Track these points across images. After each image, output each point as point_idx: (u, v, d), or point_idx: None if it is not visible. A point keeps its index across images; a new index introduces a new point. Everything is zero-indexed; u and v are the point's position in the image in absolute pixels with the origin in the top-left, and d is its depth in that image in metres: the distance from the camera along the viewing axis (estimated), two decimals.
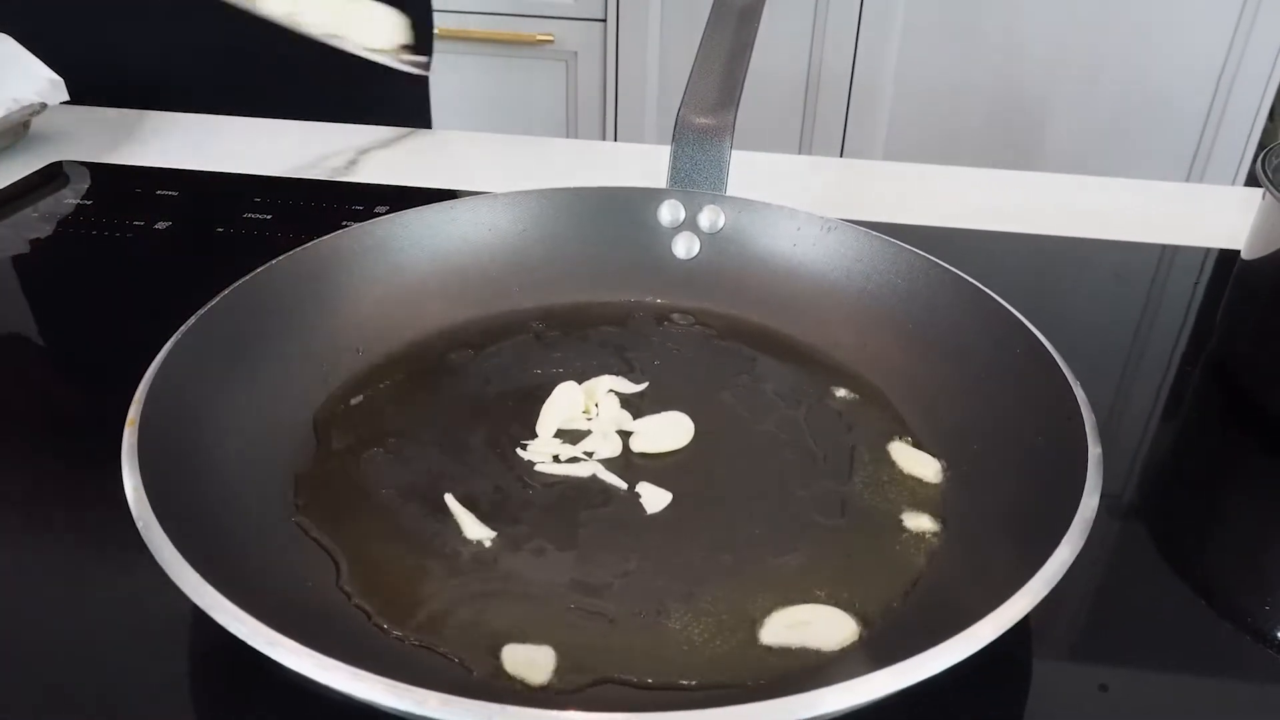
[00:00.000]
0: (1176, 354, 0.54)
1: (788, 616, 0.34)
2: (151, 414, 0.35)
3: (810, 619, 0.34)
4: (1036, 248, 0.64)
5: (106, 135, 0.76)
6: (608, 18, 1.61)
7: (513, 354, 0.48)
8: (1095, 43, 1.54)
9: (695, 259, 0.53)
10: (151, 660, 0.34)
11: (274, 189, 0.68)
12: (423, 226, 0.50)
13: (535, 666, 0.32)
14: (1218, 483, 0.46)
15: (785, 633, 0.34)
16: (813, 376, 0.47)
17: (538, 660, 0.32)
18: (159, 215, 0.63)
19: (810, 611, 0.34)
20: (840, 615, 0.34)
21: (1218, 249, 0.64)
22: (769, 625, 0.34)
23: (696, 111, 0.52)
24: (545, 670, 0.32)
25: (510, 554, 0.37)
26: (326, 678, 0.26)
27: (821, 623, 0.34)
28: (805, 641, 0.33)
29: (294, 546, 0.36)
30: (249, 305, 0.43)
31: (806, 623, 0.34)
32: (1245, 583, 0.40)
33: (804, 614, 0.34)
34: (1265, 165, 0.46)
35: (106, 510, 0.33)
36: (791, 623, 0.34)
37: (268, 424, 0.41)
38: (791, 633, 0.34)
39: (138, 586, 0.36)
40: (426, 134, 0.78)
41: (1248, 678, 0.35)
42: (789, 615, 0.34)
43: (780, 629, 0.34)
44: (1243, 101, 1.56)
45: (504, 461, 0.41)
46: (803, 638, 0.33)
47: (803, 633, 0.34)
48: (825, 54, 1.60)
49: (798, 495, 0.40)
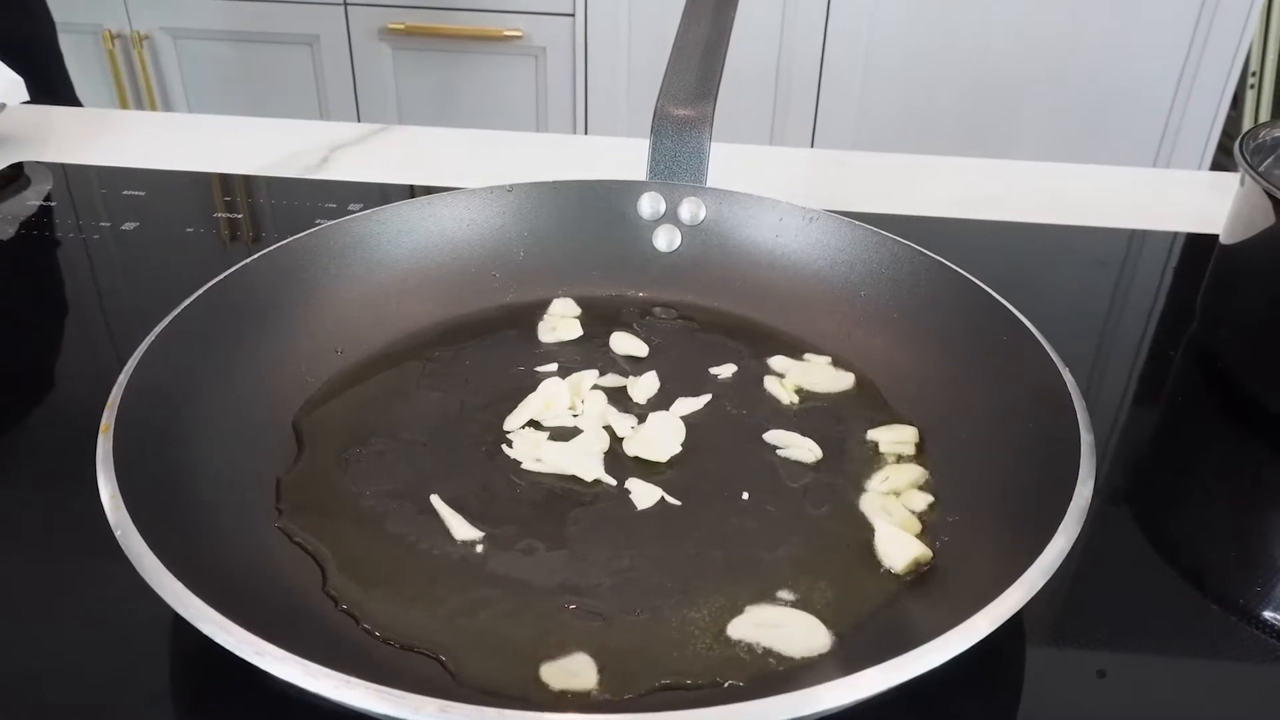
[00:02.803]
0: (1155, 338, 0.55)
1: (769, 614, 0.34)
2: (126, 419, 0.34)
3: (791, 619, 0.34)
4: (1009, 234, 0.64)
5: (69, 135, 0.74)
6: (576, 12, 1.60)
7: (495, 351, 0.47)
8: (1062, 32, 1.55)
9: (677, 251, 0.52)
10: (132, 671, 0.33)
11: (245, 188, 0.66)
12: (400, 223, 0.49)
13: (579, 676, 0.31)
14: (1201, 465, 0.46)
15: (769, 631, 0.33)
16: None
17: (578, 669, 0.32)
18: (126, 216, 0.62)
19: (790, 613, 0.34)
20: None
21: (1186, 233, 0.64)
22: (751, 622, 0.33)
23: (675, 103, 0.51)
24: (590, 678, 0.31)
25: (500, 554, 0.36)
26: (317, 686, 0.25)
27: (805, 622, 0.34)
28: (797, 639, 0.33)
29: (278, 552, 0.36)
30: (223, 306, 0.42)
31: (796, 619, 0.34)
32: (1232, 565, 0.40)
33: (782, 615, 0.34)
34: (1244, 149, 0.47)
35: (81, 519, 0.32)
36: (772, 621, 0.33)
37: (247, 427, 0.40)
38: (766, 631, 0.33)
39: (115, 596, 0.35)
40: (399, 130, 0.77)
41: (1239, 658, 0.35)
42: (769, 613, 0.34)
43: (758, 627, 0.33)
44: (1207, 88, 1.57)
45: (490, 460, 0.41)
46: (794, 635, 0.33)
47: (781, 632, 0.33)
48: (794, 44, 1.60)
49: (788, 488, 0.40)
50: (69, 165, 0.69)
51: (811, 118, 1.66)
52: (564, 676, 0.31)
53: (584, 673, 0.31)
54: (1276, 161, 0.48)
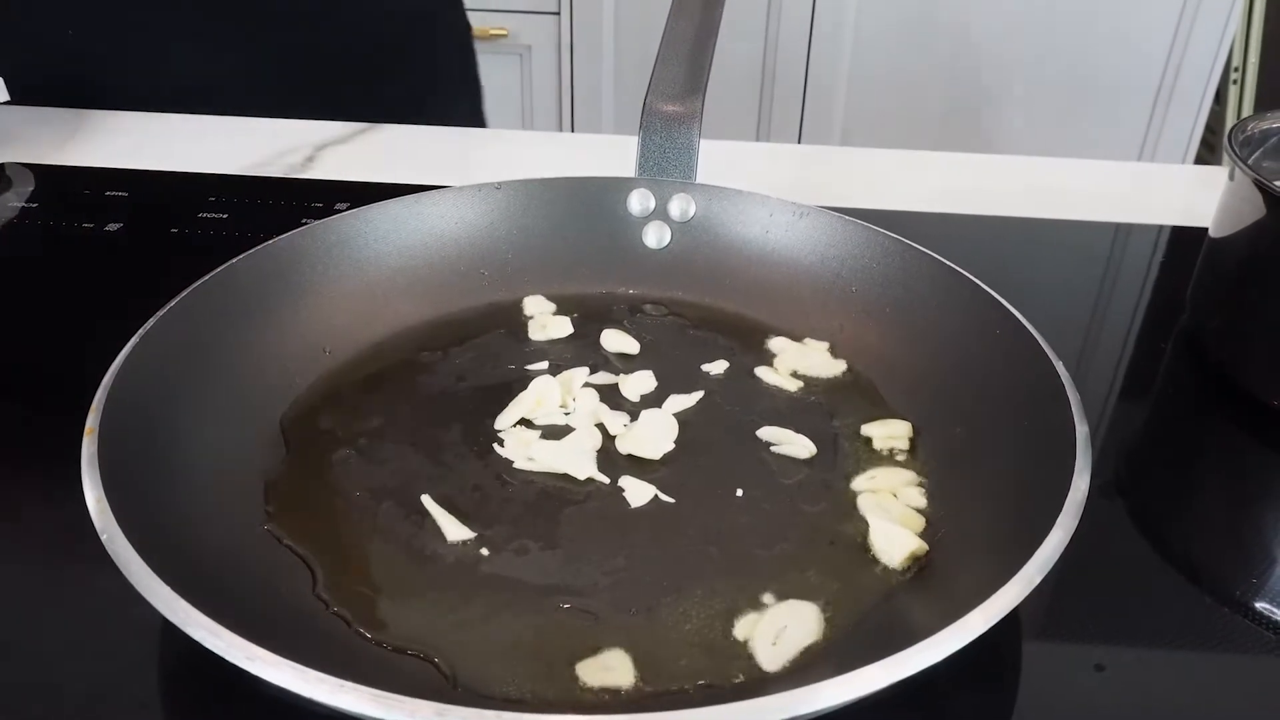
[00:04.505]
0: (1145, 332, 0.55)
1: (764, 612, 0.33)
2: (111, 422, 0.33)
3: (787, 616, 0.33)
4: (996, 229, 0.64)
5: (50, 135, 0.73)
6: (561, 10, 1.59)
7: (485, 350, 0.47)
8: (1047, 28, 1.56)
9: (666, 248, 0.52)
10: (119, 679, 0.32)
11: (230, 188, 0.66)
12: (387, 222, 0.49)
13: (615, 672, 0.31)
14: (1193, 457, 0.46)
15: (765, 629, 0.33)
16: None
17: (614, 665, 0.32)
18: (109, 217, 0.61)
19: (785, 611, 0.34)
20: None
21: (1171, 226, 0.65)
22: (747, 620, 0.33)
23: (664, 99, 0.51)
24: (628, 674, 0.31)
25: (493, 554, 0.36)
26: (310, 690, 0.25)
27: (801, 619, 0.33)
28: (794, 636, 0.33)
29: (267, 555, 0.35)
30: (208, 307, 0.42)
31: (792, 616, 0.33)
32: (1226, 557, 0.40)
33: (778, 612, 0.34)
34: (1233, 142, 0.47)
35: (66, 524, 0.32)
36: (768, 619, 0.33)
37: (234, 429, 0.39)
38: (762, 629, 0.33)
39: (101, 602, 0.34)
40: (384, 129, 0.76)
41: (1234, 650, 0.35)
42: (764, 611, 0.34)
43: (754, 625, 0.33)
44: (1190, 83, 1.58)
45: (481, 460, 0.40)
46: (790, 632, 0.33)
47: (776, 630, 0.33)
48: (780, 41, 1.60)
49: (782, 485, 0.39)
50: (51, 166, 0.68)
51: (798, 114, 1.66)
52: (599, 673, 0.31)
53: (621, 668, 0.31)
54: (1265, 154, 0.48)
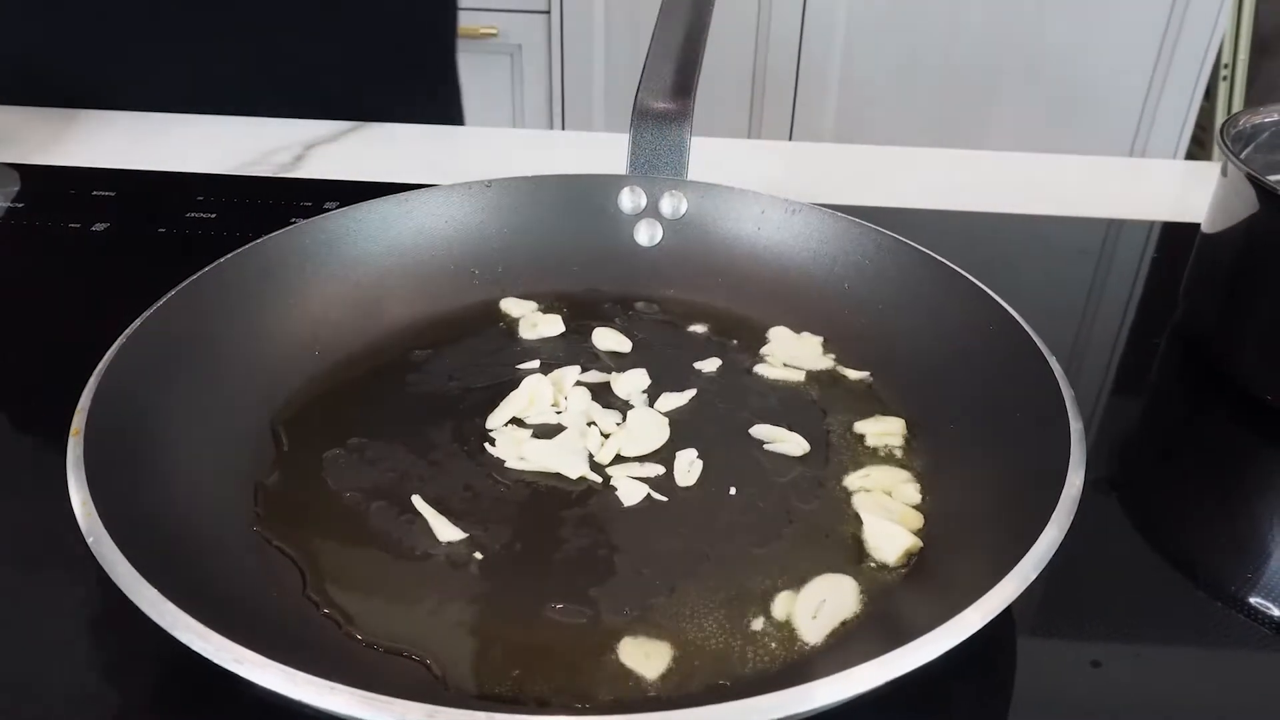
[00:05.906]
0: (1138, 327, 0.55)
1: (760, 610, 0.33)
2: (97, 423, 0.33)
3: (782, 614, 0.33)
4: (988, 225, 0.64)
5: (37, 135, 0.72)
6: (551, 9, 1.59)
7: (476, 348, 0.47)
8: (1038, 25, 1.56)
9: (658, 246, 0.52)
10: (106, 683, 0.32)
11: (217, 187, 0.65)
12: (377, 220, 0.48)
13: (649, 661, 0.31)
14: (1188, 452, 0.46)
15: (761, 627, 0.33)
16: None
17: (652, 653, 0.32)
18: (96, 217, 0.61)
19: (781, 608, 0.34)
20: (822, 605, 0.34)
21: (1163, 221, 0.65)
22: (743, 619, 0.33)
23: (655, 96, 0.51)
24: (660, 664, 0.31)
25: (485, 555, 0.35)
26: (300, 693, 0.25)
27: (797, 616, 0.33)
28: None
29: (257, 556, 0.35)
30: (197, 307, 0.41)
31: (779, 617, 0.33)
32: (1221, 552, 0.40)
33: (773, 610, 0.33)
34: (1225, 137, 0.47)
35: (52, 526, 0.32)
36: (764, 617, 0.33)
37: (223, 430, 0.39)
38: (758, 627, 0.33)
39: (88, 606, 0.34)
40: (375, 127, 0.76)
41: (1230, 645, 0.35)
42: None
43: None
44: (1180, 79, 1.59)
45: (473, 459, 0.40)
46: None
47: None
48: (772, 37, 1.60)
49: (776, 483, 0.39)
50: (37, 166, 0.68)
51: (790, 111, 1.66)
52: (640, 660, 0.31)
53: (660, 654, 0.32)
54: (1257, 149, 0.48)
